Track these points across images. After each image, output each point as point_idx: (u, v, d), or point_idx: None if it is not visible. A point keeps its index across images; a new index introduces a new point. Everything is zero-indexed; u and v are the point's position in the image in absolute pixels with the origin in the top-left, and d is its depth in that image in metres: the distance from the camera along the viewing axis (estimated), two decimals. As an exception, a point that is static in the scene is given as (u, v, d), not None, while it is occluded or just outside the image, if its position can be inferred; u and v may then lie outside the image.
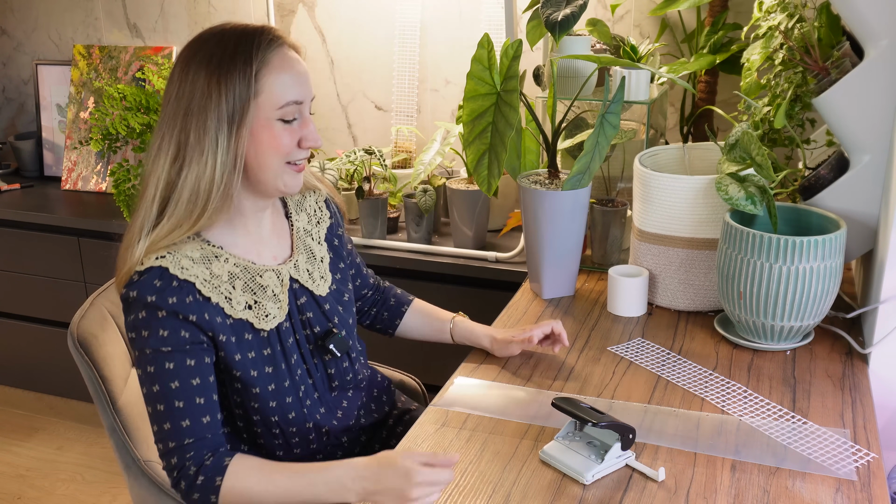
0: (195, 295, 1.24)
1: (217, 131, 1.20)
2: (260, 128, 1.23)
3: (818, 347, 1.55)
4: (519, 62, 1.65)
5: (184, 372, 1.23)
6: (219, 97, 1.20)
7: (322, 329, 1.38)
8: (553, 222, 1.72)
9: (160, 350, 1.22)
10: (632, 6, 2.30)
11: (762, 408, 1.36)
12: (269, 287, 1.32)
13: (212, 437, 1.24)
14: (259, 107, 1.23)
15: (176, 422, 1.22)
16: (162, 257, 1.23)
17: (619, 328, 1.66)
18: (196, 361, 1.24)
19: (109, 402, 1.45)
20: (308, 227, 1.43)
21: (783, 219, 1.59)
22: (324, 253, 1.44)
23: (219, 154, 1.21)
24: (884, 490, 1.16)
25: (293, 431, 1.36)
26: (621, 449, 1.21)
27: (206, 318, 1.24)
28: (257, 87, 1.22)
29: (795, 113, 1.64)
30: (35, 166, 3.13)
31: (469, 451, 1.28)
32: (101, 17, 2.97)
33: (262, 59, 1.22)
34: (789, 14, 1.68)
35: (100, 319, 1.51)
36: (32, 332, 2.94)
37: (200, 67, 1.22)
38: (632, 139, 1.99)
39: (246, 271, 1.30)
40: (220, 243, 1.30)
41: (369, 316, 1.63)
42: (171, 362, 1.22)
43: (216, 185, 1.22)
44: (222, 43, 1.23)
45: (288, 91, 1.24)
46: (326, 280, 1.42)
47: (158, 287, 1.22)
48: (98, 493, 2.56)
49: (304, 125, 1.27)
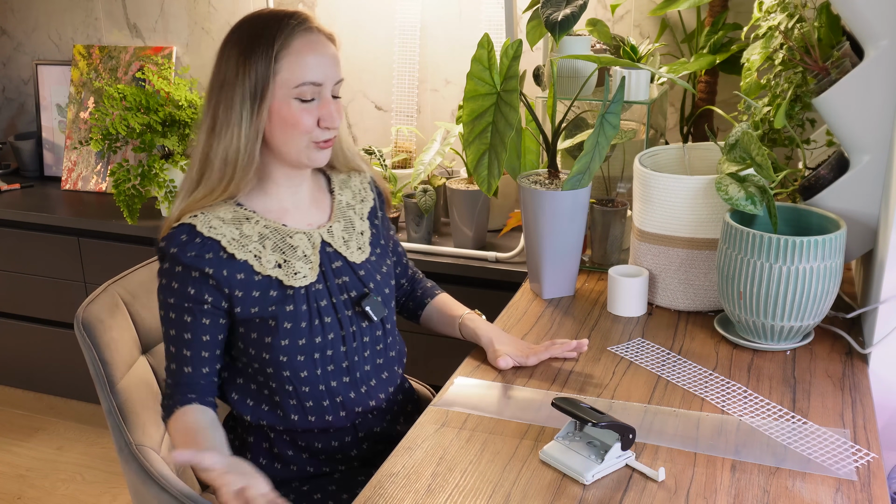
0: (217, 252, 1.35)
1: (241, 106, 1.31)
2: (279, 105, 1.32)
3: (818, 347, 1.55)
4: (519, 62, 1.65)
5: (198, 328, 1.35)
6: (244, 75, 1.31)
7: (358, 293, 1.44)
8: (553, 222, 1.72)
9: (179, 303, 1.35)
10: (632, 6, 2.30)
11: (762, 408, 1.36)
12: (300, 248, 1.41)
13: (205, 384, 1.38)
14: (278, 85, 1.31)
15: (180, 366, 1.37)
16: (194, 216, 1.36)
17: (619, 328, 1.66)
18: (211, 321, 1.36)
19: (108, 384, 1.48)
20: (352, 203, 1.52)
21: (783, 219, 1.59)
22: (365, 228, 1.51)
23: (243, 127, 1.32)
24: (884, 490, 1.16)
25: (305, 392, 1.40)
26: (621, 449, 1.21)
27: (224, 275, 1.34)
28: (276, 67, 1.31)
29: (795, 113, 1.64)
30: (35, 166, 3.13)
31: (469, 451, 1.28)
32: (101, 17, 2.97)
33: (283, 41, 1.31)
34: (789, 14, 1.68)
35: (110, 305, 1.53)
36: (32, 332, 2.94)
37: (234, 46, 1.33)
38: (632, 139, 1.99)
39: (276, 232, 1.40)
40: (253, 208, 1.40)
41: (398, 304, 1.68)
42: (188, 316, 1.35)
43: (241, 154, 1.33)
44: (254, 25, 1.34)
45: (305, 72, 1.32)
46: (364, 252, 1.49)
47: (183, 241, 1.34)
48: (98, 493, 2.56)
49: (324, 106, 1.35)
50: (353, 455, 1.48)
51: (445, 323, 1.64)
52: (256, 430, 1.46)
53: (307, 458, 1.46)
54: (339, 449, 1.47)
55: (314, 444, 1.45)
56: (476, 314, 1.62)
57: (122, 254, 2.63)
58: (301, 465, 1.46)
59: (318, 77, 1.33)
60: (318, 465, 1.47)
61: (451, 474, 1.22)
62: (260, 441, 1.46)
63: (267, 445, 1.46)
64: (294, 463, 1.46)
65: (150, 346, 1.60)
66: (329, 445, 1.46)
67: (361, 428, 1.48)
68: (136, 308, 1.57)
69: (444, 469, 1.24)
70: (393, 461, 1.26)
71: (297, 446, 1.45)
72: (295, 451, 1.45)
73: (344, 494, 1.43)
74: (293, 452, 1.45)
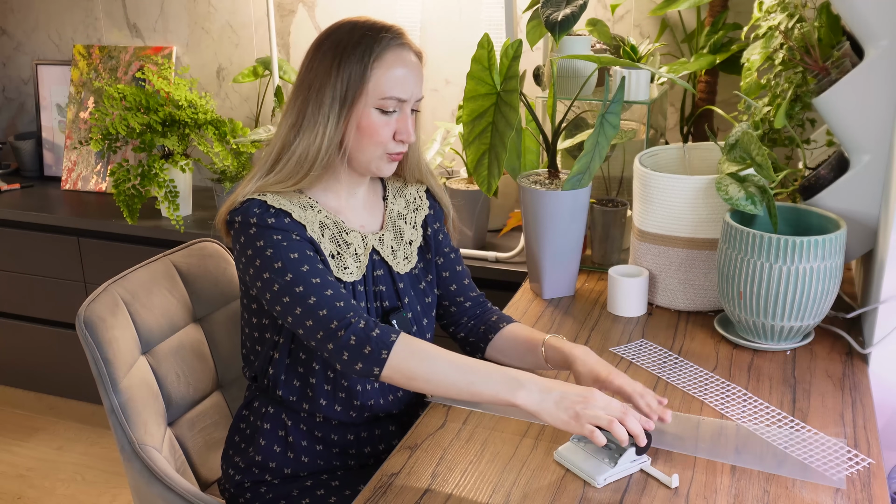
0: (292, 219, 1.37)
1: (329, 108, 1.35)
2: (361, 113, 1.36)
3: (818, 347, 1.55)
4: (519, 62, 1.65)
5: (319, 271, 1.34)
6: (336, 78, 1.35)
7: (391, 304, 1.46)
8: (553, 222, 1.72)
9: (287, 255, 1.33)
10: (632, 6, 2.30)
11: (761, 411, 1.36)
12: (353, 245, 1.44)
13: (367, 314, 1.36)
14: (366, 94, 1.36)
15: (331, 303, 1.31)
16: (262, 195, 1.38)
17: (619, 328, 1.66)
18: (323, 264, 1.37)
19: (110, 383, 1.48)
20: (403, 212, 1.53)
21: (783, 219, 1.59)
22: (415, 237, 1.53)
23: (328, 129, 1.36)
24: (884, 490, 1.16)
25: (343, 384, 1.42)
26: (636, 454, 1.20)
27: (306, 234, 1.37)
28: (368, 76, 1.35)
29: (795, 113, 1.64)
30: (35, 166, 3.13)
31: (469, 450, 1.28)
32: (101, 17, 2.97)
33: (378, 52, 1.36)
34: (789, 14, 1.68)
35: (111, 304, 1.53)
36: (32, 332, 2.94)
37: (329, 49, 1.37)
38: (632, 139, 1.99)
39: (335, 225, 1.43)
40: (315, 198, 1.43)
41: (465, 327, 1.58)
42: (304, 265, 1.33)
43: (321, 155, 1.37)
44: (352, 31, 1.38)
45: (393, 86, 1.36)
46: (410, 261, 1.51)
47: (258, 212, 1.36)
48: (98, 493, 2.56)
49: (402, 120, 1.39)
50: (366, 452, 1.49)
51: (524, 349, 1.47)
52: (273, 417, 1.47)
53: (320, 450, 1.47)
54: (353, 444, 1.48)
55: (330, 436, 1.47)
56: (559, 338, 1.44)
57: (122, 254, 2.63)
58: (312, 458, 1.47)
59: (403, 93, 1.37)
60: (329, 458, 1.47)
61: (451, 474, 1.22)
62: (276, 429, 1.47)
63: (283, 433, 1.47)
64: (306, 454, 1.47)
65: (150, 346, 1.60)
66: (344, 439, 1.47)
67: (378, 425, 1.49)
68: (136, 308, 1.57)
69: (445, 469, 1.24)
70: (393, 461, 1.26)
71: (312, 437, 1.47)
72: (309, 442, 1.47)
73: (347, 491, 1.43)
74: (307, 443, 1.47)
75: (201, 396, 1.69)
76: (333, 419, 1.45)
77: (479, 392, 1.23)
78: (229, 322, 1.75)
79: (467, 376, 1.24)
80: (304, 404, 1.45)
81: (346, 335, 1.27)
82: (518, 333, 1.51)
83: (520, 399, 1.20)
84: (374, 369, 1.26)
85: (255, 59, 2.77)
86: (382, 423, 1.49)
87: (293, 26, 2.69)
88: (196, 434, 1.66)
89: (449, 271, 1.58)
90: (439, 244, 1.57)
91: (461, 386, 1.24)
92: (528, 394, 1.20)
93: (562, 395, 1.19)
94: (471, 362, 1.26)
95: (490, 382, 1.23)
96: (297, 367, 1.44)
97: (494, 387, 1.22)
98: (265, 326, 1.44)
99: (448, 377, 1.25)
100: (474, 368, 1.25)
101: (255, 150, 2.55)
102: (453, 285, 1.59)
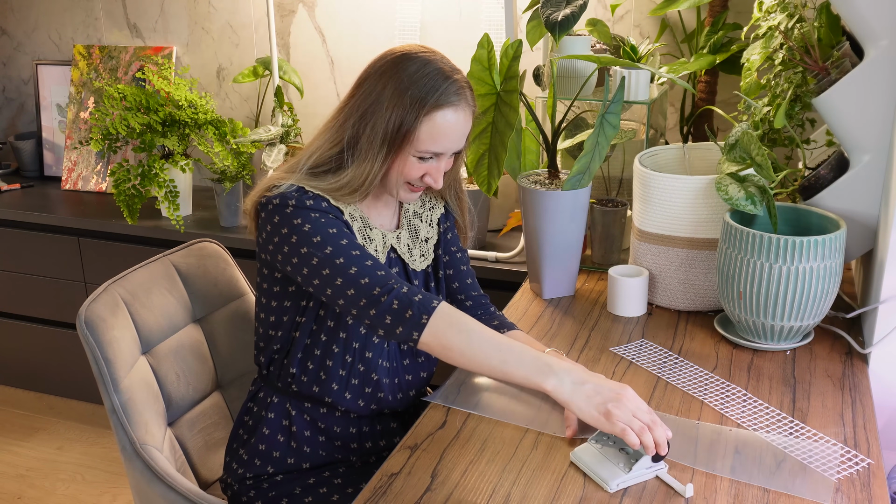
0: (330, 204, 1.39)
1: (381, 145, 1.36)
2: (405, 159, 1.38)
3: (818, 347, 1.56)
4: (519, 62, 1.65)
5: (358, 244, 1.36)
6: (391, 110, 1.35)
7: None
8: (553, 222, 1.72)
9: (326, 230, 1.35)
10: (632, 6, 2.30)
11: (761, 411, 1.36)
12: (376, 241, 1.47)
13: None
14: (411, 143, 1.36)
15: (372, 272, 1.33)
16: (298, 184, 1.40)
17: (619, 328, 1.66)
18: (353, 236, 1.39)
19: (111, 382, 1.48)
20: (419, 211, 1.56)
21: (783, 219, 1.59)
22: (431, 234, 1.56)
23: (374, 166, 1.37)
24: (884, 490, 1.16)
25: (360, 370, 1.44)
26: (653, 460, 1.18)
27: (342, 217, 1.40)
28: (419, 121, 1.35)
29: (795, 113, 1.64)
30: (35, 166, 3.13)
31: (469, 450, 1.28)
32: (101, 17, 2.97)
33: (437, 101, 1.35)
34: (789, 14, 1.68)
35: (111, 305, 1.54)
36: (32, 332, 2.94)
37: (393, 77, 1.36)
38: (632, 139, 1.99)
39: (362, 219, 1.46)
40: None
41: None
42: (343, 239, 1.35)
43: (364, 187, 1.39)
44: (421, 68, 1.36)
45: (436, 145, 1.38)
46: (427, 258, 1.54)
47: (296, 195, 1.37)
48: (98, 493, 2.56)
49: (435, 168, 1.41)
50: (367, 447, 1.50)
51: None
52: (278, 407, 1.48)
53: (322, 441, 1.48)
54: (355, 437, 1.49)
55: (333, 428, 1.48)
56: (556, 353, 1.45)
57: (122, 254, 2.63)
58: (314, 449, 1.48)
59: (442, 149, 1.39)
60: (331, 451, 1.49)
61: (451, 474, 1.22)
62: (280, 418, 1.48)
63: (286, 423, 1.48)
64: (308, 445, 1.48)
65: (150, 346, 1.60)
66: (347, 431, 1.48)
67: (381, 421, 1.50)
68: (136, 308, 1.57)
69: (445, 469, 1.24)
70: (393, 460, 1.26)
71: (315, 427, 1.48)
72: (312, 433, 1.48)
73: (349, 489, 1.44)
74: (310, 433, 1.48)
75: (201, 396, 1.69)
76: (340, 406, 1.46)
77: (510, 372, 1.25)
78: (229, 322, 1.75)
79: (502, 354, 1.26)
80: (314, 387, 1.45)
81: (389, 299, 1.29)
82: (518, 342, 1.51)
83: (550, 385, 1.21)
84: (413, 333, 1.28)
85: (255, 59, 2.77)
86: (385, 419, 1.51)
87: (293, 26, 2.69)
88: (196, 434, 1.66)
89: (453, 269, 1.60)
90: (447, 242, 1.59)
91: (493, 363, 1.25)
92: (560, 382, 1.21)
93: (595, 390, 1.19)
94: (507, 341, 1.28)
95: (522, 364, 1.24)
96: (315, 349, 1.45)
97: (526, 369, 1.23)
98: (286, 309, 1.45)
99: (483, 351, 1.26)
100: (510, 348, 1.26)
101: (256, 150, 2.56)
102: (456, 283, 1.61)
